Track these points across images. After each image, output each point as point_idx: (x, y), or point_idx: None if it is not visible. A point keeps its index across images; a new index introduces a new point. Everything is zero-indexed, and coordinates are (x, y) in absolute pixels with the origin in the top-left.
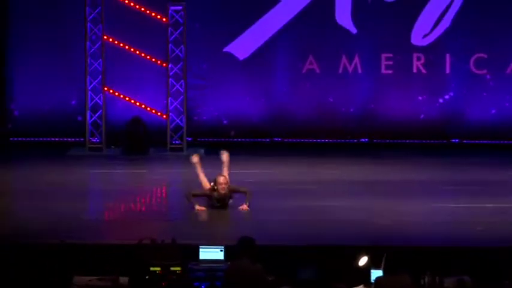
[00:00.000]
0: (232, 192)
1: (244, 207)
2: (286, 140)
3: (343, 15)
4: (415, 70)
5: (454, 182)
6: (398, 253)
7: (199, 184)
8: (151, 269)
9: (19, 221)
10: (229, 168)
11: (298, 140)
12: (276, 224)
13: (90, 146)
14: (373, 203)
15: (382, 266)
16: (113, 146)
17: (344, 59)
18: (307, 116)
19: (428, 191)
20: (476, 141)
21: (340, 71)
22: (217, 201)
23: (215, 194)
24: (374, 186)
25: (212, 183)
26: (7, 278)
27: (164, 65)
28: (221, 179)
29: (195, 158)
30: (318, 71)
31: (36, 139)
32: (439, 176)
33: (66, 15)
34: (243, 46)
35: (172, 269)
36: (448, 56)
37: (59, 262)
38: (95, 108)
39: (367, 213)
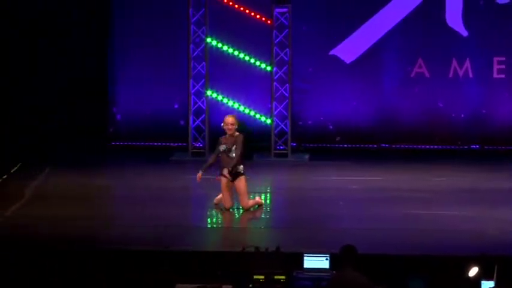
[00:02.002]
0: (234, 143)
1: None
2: (393, 146)
3: (454, 18)
4: None
5: None
6: (510, 264)
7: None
8: (255, 277)
9: (122, 227)
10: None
11: (406, 146)
12: (383, 232)
13: (193, 150)
14: (484, 212)
15: (495, 277)
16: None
17: (454, 63)
18: (416, 121)
19: None
20: None
21: (451, 75)
22: (225, 145)
23: (222, 139)
24: (485, 195)
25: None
26: (109, 284)
27: (268, 68)
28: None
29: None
30: (427, 74)
31: (137, 143)
32: None
33: (169, 18)
34: (350, 49)
35: (276, 277)
36: None
37: (162, 269)
38: (198, 113)
39: (478, 222)
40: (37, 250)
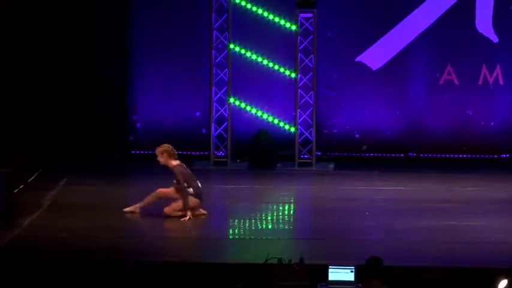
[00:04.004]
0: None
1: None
2: (421, 155)
3: (484, 23)
4: None
5: None
6: None
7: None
8: None
9: (141, 237)
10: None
11: (434, 155)
12: (410, 244)
13: (215, 159)
14: None
15: None
16: (238, 160)
17: (484, 69)
18: (444, 129)
19: None
20: None
21: (480, 82)
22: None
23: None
24: None
25: None
26: None
27: (293, 75)
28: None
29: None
30: (456, 82)
31: None
32: None
33: (192, 23)
34: (377, 55)
35: None
36: None
37: (181, 281)
38: (220, 121)
39: (507, 233)
40: (55, 261)
